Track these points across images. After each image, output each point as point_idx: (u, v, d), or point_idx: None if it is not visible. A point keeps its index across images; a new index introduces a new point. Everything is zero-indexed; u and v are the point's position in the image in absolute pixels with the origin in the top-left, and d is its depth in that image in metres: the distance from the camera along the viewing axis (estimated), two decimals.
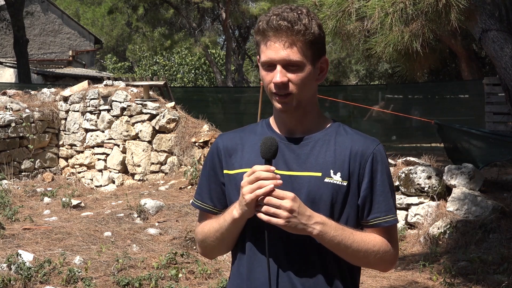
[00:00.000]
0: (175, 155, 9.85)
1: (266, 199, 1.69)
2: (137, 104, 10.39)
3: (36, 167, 10.87)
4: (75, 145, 11.13)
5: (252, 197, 1.69)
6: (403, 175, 7.17)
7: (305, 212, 1.70)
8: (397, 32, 4.43)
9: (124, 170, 10.48)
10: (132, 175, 10.37)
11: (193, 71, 34.46)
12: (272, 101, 1.82)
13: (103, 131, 10.76)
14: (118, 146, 10.52)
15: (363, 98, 16.29)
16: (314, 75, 1.82)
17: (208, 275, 5.63)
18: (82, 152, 11.08)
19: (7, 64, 22.06)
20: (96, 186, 10.65)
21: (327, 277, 1.78)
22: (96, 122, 10.88)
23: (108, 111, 10.70)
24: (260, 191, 1.68)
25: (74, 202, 8.34)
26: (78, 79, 19.24)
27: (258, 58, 1.83)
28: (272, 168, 1.71)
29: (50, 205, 8.59)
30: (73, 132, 11.17)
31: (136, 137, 10.36)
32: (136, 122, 10.36)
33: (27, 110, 10.87)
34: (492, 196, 6.90)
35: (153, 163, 10.12)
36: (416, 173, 7.11)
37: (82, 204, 8.43)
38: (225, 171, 1.89)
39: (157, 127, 10.11)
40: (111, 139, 10.62)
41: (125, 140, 10.44)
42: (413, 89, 16.31)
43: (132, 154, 10.33)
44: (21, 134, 10.56)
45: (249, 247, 1.83)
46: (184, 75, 34.18)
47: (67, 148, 11.25)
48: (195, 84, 33.62)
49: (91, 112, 10.94)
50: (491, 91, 12.31)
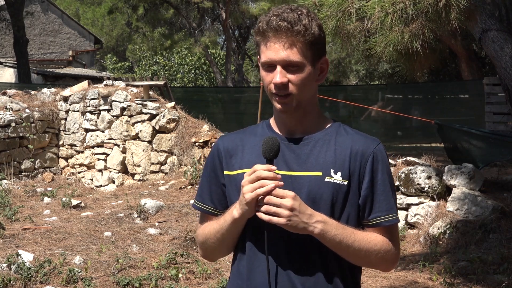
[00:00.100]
0: (175, 155, 9.85)
1: (267, 198, 1.68)
2: (137, 104, 10.39)
3: (36, 167, 10.87)
4: (75, 145, 11.13)
5: (252, 196, 1.68)
6: (403, 175, 7.17)
7: (306, 211, 1.70)
8: (397, 32, 4.43)
9: (124, 170, 10.48)
10: (132, 175, 10.37)
11: (193, 71, 34.46)
12: (272, 101, 1.82)
13: (103, 131, 10.76)
14: (118, 146, 10.52)
15: (363, 98, 16.28)
16: (314, 76, 1.82)
17: (208, 275, 5.63)
18: (82, 152, 11.08)
19: (7, 64, 22.05)
20: (96, 186, 10.65)
21: (327, 276, 1.78)
22: (96, 122, 10.87)
23: (108, 111, 10.70)
24: (261, 190, 1.68)
25: (74, 202, 8.34)
26: (78, 79, 19.23)
27: (258, 58, 1.84)
28: (273, 167, 1.71)
29: (50, 205, 8.59)
30: (73, 132, 11.17)
31: (136, 137, 10.36)
32: (136, 122, 10.36)
33: (27, 110, 10.87)
34: (492, 196, 6.90)
35: (153, 163, 10.12)
36: (416, 173, 7.11)
37: (82, 204, 8.43)
38: (225, 172, 1.89)
39: (157, 127, 10.11)
40: (111, 139, 10.62)
41: (125, 140, 10.44)
42: (413, 89, 16.30)
43: (132, 154, 10.33)
44: (21, 134, 10.55)
45: (249, 247, 1.82)
46: (184, 75, 34.17)
47: (67, 148, 11.25)
48: (195, 84, 33.62)
49: (91, 112, 10.94)
50: (491, 91, 12.31)
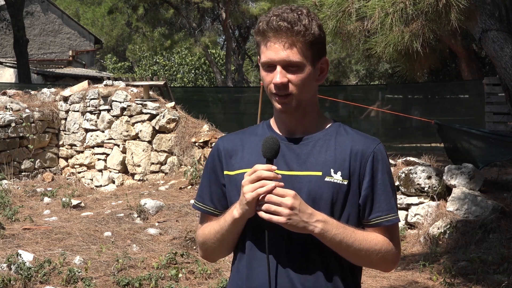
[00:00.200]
0: (175, 155, 9.85)
1: (267, 197, 1.68)
2: (137, 104, 10.39)
3: (36, 167, 10.87)
4: (75, 145, 11.13)
5: (253, 195, 1.68)
6: (403, 175, 7.17)
7: (306, 210, 1.70)
8: (397, 32, 4.43)
9: (124, 170, 10.48)
10: (132, 175, 10.37)
11: (193, 71, 34.46)
12: (272, 101, 1.82)
13: (103, 131, 10.76)
14: (118, 146, 10.52)
15: (363, 98, 16.28)
16: (314, 76, 1.82)
17: (208, 275, 5.63)
18: (82, 152, 11.08)
19: (7, 64, 22.06)
20: (96, 186, 10.65)
21: (327, 275, 1.77)
22: (96, 122, 10.87)
23: (108, 111, 10.70)
24: (261, 190, 1.68)
25: (74, 202, 8.34)
26: (78, 79, 19.24)
27: (259, 58, 1.84)
28: (274, 167, 1.70)
29: (50, 205, 8.59)
30: (73, 132, 11.17)
31: (136, 137, 10.36)
32: (136, 122, 10.36)
33: (27, 110, 10.87)
34: (492, 196, 6.90)
35: (153, 163, 10.12)
36: (416, 173, 7.11)
37: (82, 204, 8.43)
38: (225, 172, 1.89)
39: (157, 127, 10.11)
40: (111, 139, 10.62)
41: (125, 140, 10.44)
42: (413, 89, 16.30)
43: (132, 154, 10.33)
44: (21, 134, 10.55)
45: (249, 246, 1.82)
46: (184, 75, 34.18)
47: (67, 148, 11.25)
48: (195, 84, 33.62)
49: (91, 112, 10.94)
50: (491, 91, 12.31)
